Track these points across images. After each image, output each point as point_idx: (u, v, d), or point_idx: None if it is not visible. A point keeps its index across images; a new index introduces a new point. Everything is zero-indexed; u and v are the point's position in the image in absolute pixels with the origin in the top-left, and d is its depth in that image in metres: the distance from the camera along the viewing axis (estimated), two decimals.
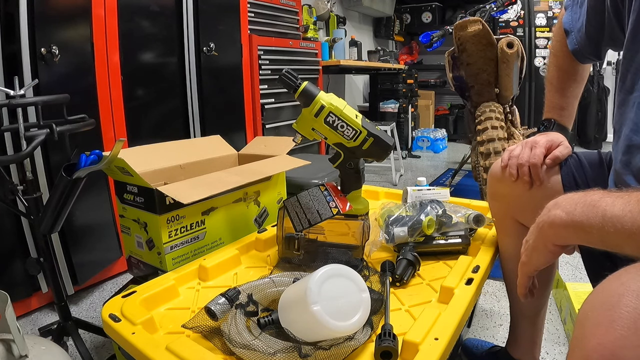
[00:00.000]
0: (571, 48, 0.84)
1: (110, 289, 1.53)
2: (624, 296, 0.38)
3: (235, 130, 2.11)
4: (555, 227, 0.53)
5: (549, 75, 0.91)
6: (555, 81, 0.89)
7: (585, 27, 0.79)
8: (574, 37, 0.83)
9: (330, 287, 0.62)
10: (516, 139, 1.93)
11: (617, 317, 0.38)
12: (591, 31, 0.78)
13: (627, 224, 0.45)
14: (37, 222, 0.98)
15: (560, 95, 0.89)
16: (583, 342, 0.40)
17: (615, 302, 0.39)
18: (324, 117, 0.84)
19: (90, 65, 1.40)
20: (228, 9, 1.99)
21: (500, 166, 0.83)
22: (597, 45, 0.79)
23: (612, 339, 0.37)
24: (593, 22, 0.76)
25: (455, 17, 2.20)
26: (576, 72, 0.88)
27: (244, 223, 1.16)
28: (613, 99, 4.50)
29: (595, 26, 0.76)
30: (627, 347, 0.36)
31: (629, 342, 0.36)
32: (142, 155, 1.19)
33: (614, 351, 0.36)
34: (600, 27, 0.75)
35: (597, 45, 0.79)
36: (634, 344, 0.36)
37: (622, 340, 0.36)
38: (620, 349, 0.36)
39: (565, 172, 0.79)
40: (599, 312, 0.40)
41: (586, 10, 0.77)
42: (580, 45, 0.82)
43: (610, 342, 0.37)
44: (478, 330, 1.23)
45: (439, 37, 2.38)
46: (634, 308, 0.37)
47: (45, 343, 0.86)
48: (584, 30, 0.79)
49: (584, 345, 0.39)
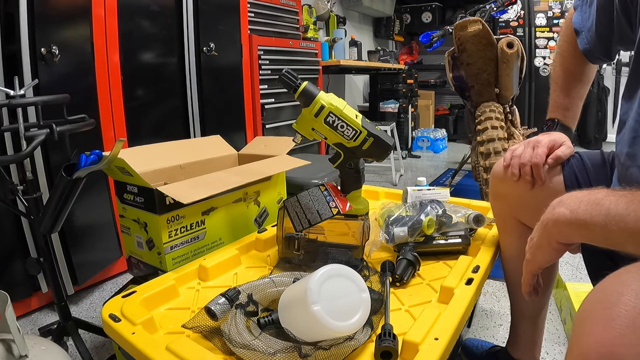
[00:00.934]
0: (582, 48, 0.83)
1: (110, 289, 1.53)
2: (624, 295, 0.39)
3: (235, 130, 2.11)
4: (560, 224, 0.53)
5: (554, 75, 0.90)
6: (561, 81, 0.89)
7: (595, 26, 0.78)
8: (584, 36, 0.82)
9: (330, 287, 0.62)
10: (516, 139, 1.93)
11: (616, 315, 0.38)
12: (601, 30, 0.77)
13: (630, 222, 0.45)
14: (37, 222, 0.98)
15: (565, 95, 0.88)
16: (581, 339, 0.40)
17: (615, 300, 0.39)
18: (324, 117, 0.84)
19: (90, 65, 1.40)
20: (228, 9, 1.99)
21: (503, 166, 0.83)
22: (608, 44, 0.78)
23: (611, 337, 0.37)
24: (603, 20, 0.76)
25: (455, 17, 2.20)
26: (582, 73, 0.87)
27: (244, 223, 1.16)
28: (613, 99, 4.46)
29: (605, 25, 0.75)
30: (625, 346, 0.36)
31: (628, 341, 0.36)
32: (142, 155, 1.19)
33: (612, 349, 0.36)
34: (610, 26, 0.74)
35: (607, 44, 0.78)
36: (632, 342, 0.36)
37: (621, 339, 0.36)
38: (618, 347, 0.36)
39: (567, 172, 0.79)
40: (598, 310, 0.40)
41: (596, 9, 0.76)
42: (590, 45, 0.81)
43: (609, 340, 0.37)
44: (478, 330, 1.23)
45: (439, 37, 2.38)
46: (633, 307, 0.37)
47: (45, 343, 0.86)
48: (594, 30, 0.79)
49: (582, 343, 0.39)
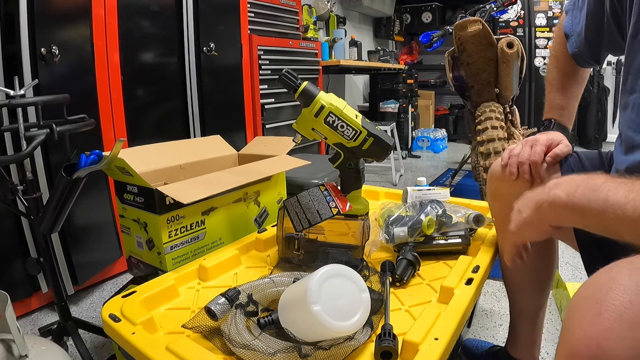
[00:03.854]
0: (571, 51, 0.84)
1: (110, 289, 1.53)
2: (612, 290, 0.39)
3: (235, 130, 2.11)
4: (555, 207, 0.53)
5: (549, 77, 0.91)
6: (556, 82, 0.89)
7: (584, 31, 0.79)
8: (573, 40, 0.83)
9: (330, 287, 0.62)
10: (516, 139, 1.93)
11: (604, 309, 0.38)
12: (590, 36, 0.78)
13: (628, 211, 0.45)
14: (37, 222, 0.98)
15: (561, 95, 0.89)
16: (570, 334, 0.40)
17: (603, 295, 0.39)
18: (324, 117, 0.84)
19: (90, 65, 1.40)
20: (228, 9, 1.99)
21: (501, 165, 0.83)
22: (597, 49, 0.80)
23: (598, 331, 0.38)
24: (592, 26, 0.77)
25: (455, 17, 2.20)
26: (576, 73, 0.88)
27: (244, 223, 1.16)
28: (613, 99, 4.46)
29: (594, 31, 0.77)
30: (612, 339, 0.37)
31: (615, 334, 0.37)
32: (142, 155, 1.19)
33: (599, 343, 0.37)
34: (599, 32, 0.75)
35: (596, 49, 0.80)
36: (619, 335, 0.37)
37: (608, 332, 0.37)
38: (605, 340, 0.37)
39: (565, 171, 0.79)
40: (587, 305, 0.40)
41: (585, 15, 0.78)
42: (579, 49, 0.82)
43: (597, 333, 0.38)
44: (478, 330, 1.23)
45: (439, 37, 2.38)
46: (621, 301, 0.38)
47: (45, 343, 0.86)
48: (583, 35, 0.80)
49: (570, 337, 0.40)
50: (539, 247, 0.89)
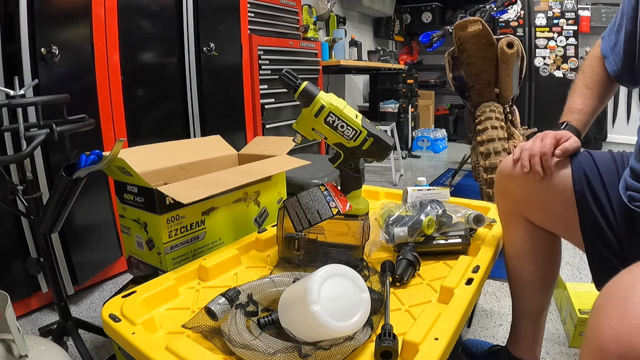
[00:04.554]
0: (610, 70, 0.86)
1: (110, 289, 1.53)
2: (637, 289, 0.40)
3: (235, 130, 2.11)
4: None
5: (573, 87, 0.92)
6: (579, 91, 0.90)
7: (623, 50, 0.82)
8: (612, 59, 0.85)
9: (330, 287, 0.62)
10: (516, 139, 1.93)
11: (630, 307, 0.39)
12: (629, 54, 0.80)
13: None
14: (37, 222, 0.98)
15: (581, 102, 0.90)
16: (598, 332, 0.41)
17: (628, 294, 0.41)
18: (324, 117, 0.84)
19: (90, 65, 1.40)
20: (228, 9, 1.99)
21: (512, 159, 0.85)
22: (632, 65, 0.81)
23: (627, 328, 0.38)
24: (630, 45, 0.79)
25: (455, 17, 2.20)
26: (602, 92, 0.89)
27: (244, 223, 1.16)
28: (613, 99, 4.47)
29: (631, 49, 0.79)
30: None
31: None
32: (142, 155, 1.19)
33: (629, 340, 0.38)
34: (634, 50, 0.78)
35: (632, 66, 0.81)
36: None
37: (637, 330, 0.38)
38: (635, 337, 0.38)
39: (575, 167, 0.80)
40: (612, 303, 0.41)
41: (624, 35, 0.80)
42: (618, 67, 0.84)
43: (626, 331, 0.38)
44: (478, 330, 1.23)
45: (439, 37, 2.38)
46: None
47: (45, 343, 0.86)
48: (621, 54, 0.82)
49: (599, 335, 0.41)
50: (544, 246, 0.89)
